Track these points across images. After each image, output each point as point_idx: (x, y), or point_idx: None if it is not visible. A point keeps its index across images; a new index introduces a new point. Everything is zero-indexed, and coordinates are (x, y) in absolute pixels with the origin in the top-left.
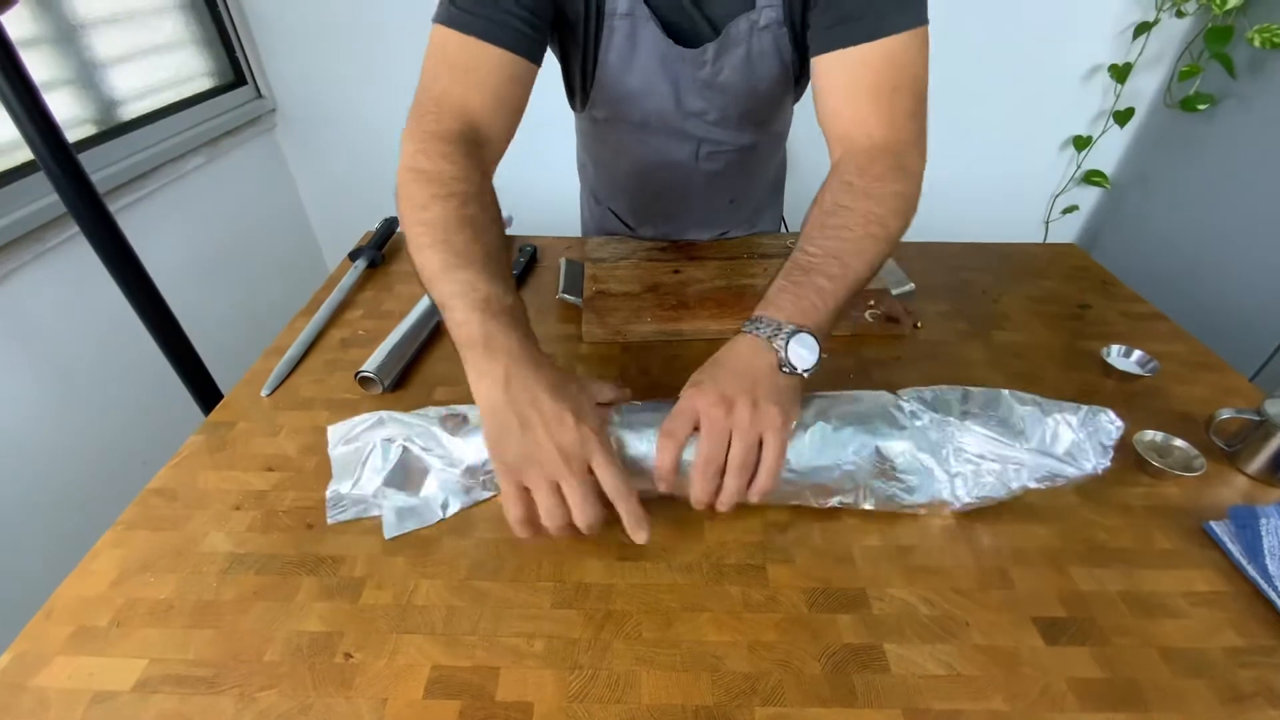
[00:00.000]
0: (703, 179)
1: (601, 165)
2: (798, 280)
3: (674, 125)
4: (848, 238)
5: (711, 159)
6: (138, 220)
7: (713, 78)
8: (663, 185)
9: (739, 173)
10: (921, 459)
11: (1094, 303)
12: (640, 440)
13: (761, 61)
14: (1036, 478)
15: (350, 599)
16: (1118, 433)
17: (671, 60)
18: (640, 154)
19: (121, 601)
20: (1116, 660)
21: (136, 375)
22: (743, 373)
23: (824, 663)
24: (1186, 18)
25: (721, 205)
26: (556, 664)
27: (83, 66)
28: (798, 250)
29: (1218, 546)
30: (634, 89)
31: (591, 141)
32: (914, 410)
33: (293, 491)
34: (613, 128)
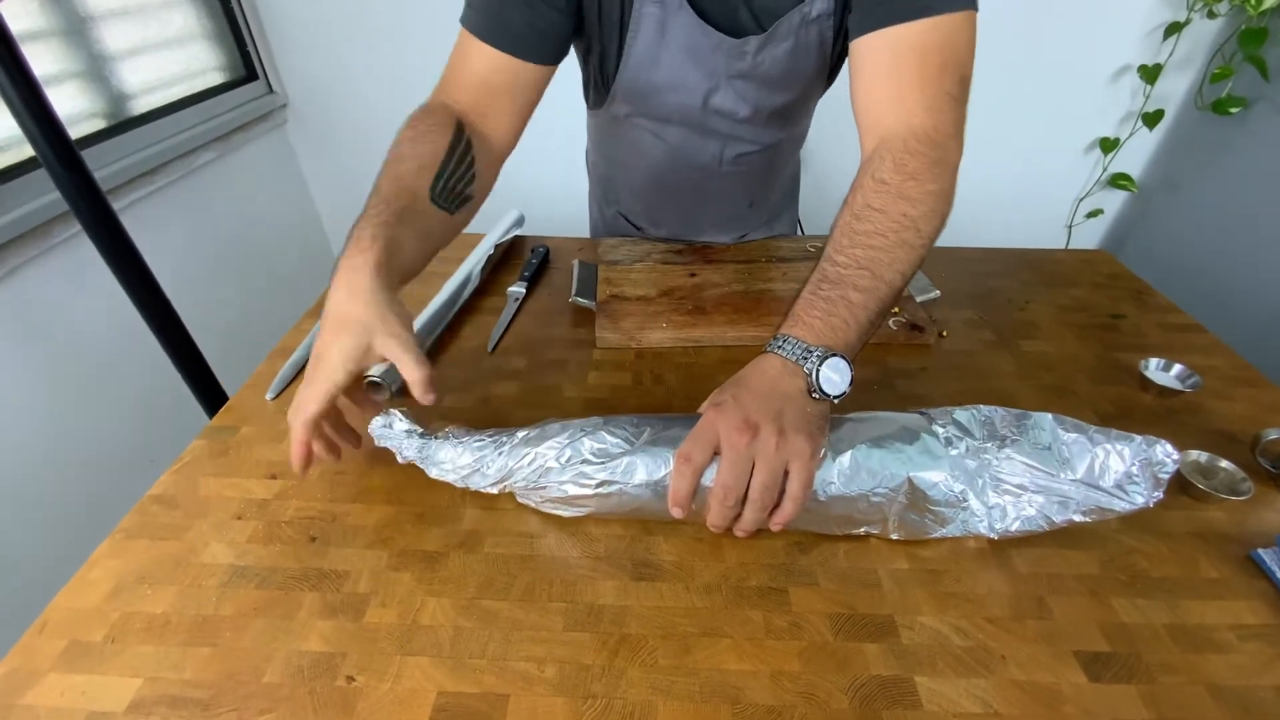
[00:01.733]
0: (723, 180)
1: (616, 165)
2: (827, 295)
3: (698, 122)
4: (880, 245)
5: (735, 160)
6: (147, 216)
7: (750, 70)
8: (681, 186)
9: (761, 174)
10: (956, 489)
11: (1128, 312)
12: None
13: (805, 56)
14: (1082, 510)
15: (353, 617)
16: (1174, 466)
17: (705, 52)
18: (659, 153)
19: (117, 615)
20: (1163, 699)
21: (140, 376)
22: (769, 395)
23: (851, 696)
24: (1219, 18)
25: (741, 208)
26: (569, 692)
27: (92, 60)
28: (825, 260)
29: (1266, 576)
30: (660, 82)
31: (606, 139)
32: (949, 436)
33: (296, 501)
34: (631, 125)
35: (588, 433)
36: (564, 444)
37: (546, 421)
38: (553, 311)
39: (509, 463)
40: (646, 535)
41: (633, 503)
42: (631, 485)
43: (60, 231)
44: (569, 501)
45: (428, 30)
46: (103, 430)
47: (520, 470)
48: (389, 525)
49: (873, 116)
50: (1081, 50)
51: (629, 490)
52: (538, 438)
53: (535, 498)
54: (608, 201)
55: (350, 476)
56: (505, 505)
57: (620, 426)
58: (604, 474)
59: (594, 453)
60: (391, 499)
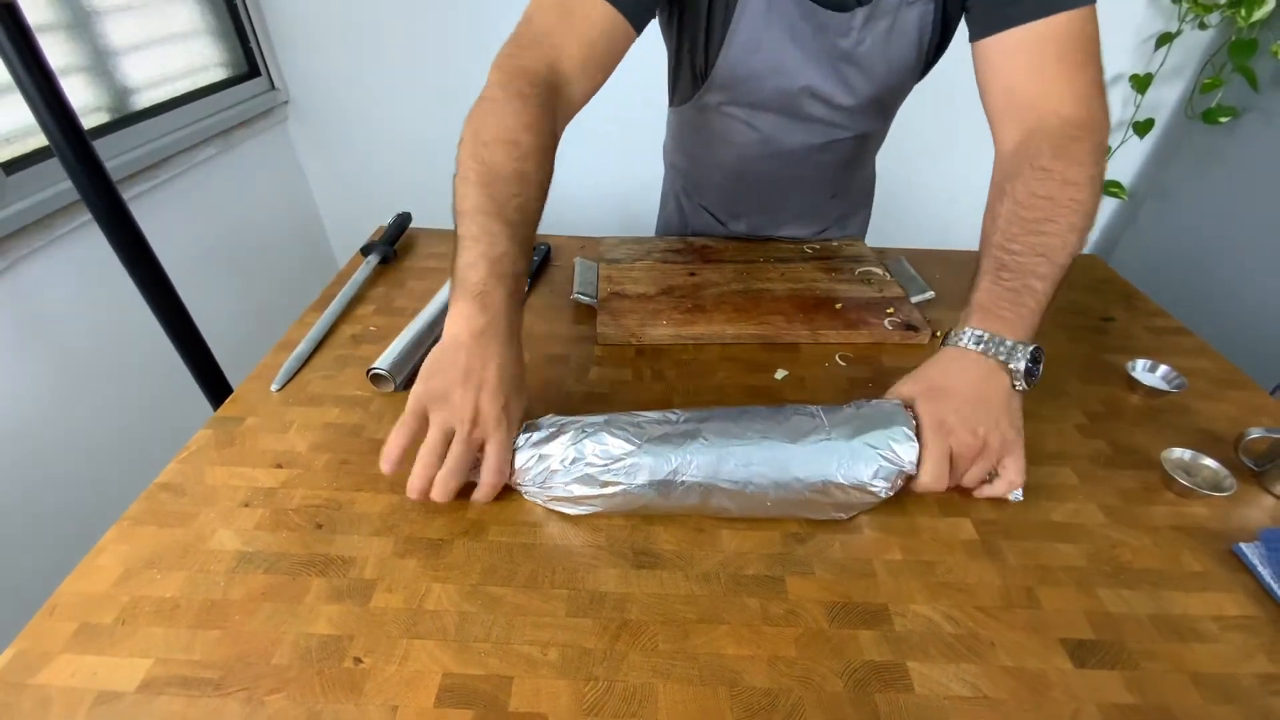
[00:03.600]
0: (810, 169)
1: (699, 158)
2: (1011, 285)
3: (794, 109)
4: (1053, 231)
5: (824, 148)
6: (148, 210)
7: (853, 48)
8: (768, 174)
9: (846, 164)
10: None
11: (1118, 315)
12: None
13: (901, 39)
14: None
15: (360, 602)
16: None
17: (807, 35)
18: (750, 141)
19: (126, 599)
20: (1147, 685)
21: (145, 367)
22: (984, 403)
23: (846, 680)
24: (1209, 29)
25: (823, 198)
26: (571, 674)
27: (96, 54)
28: (997, 249)
29: (1248, 570)
30: (760, 67)
31: (690, 133)
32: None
33: (302, 489)
34: (721, 115)
35: (590, 436)
36: (567, 445)
37: (550, 418)
38: (554, 308)
39: (518, 462)
40: (647, 525)
41: (638, 501)
42: (635, 485)
43: (63, 224)
44: (577, 501)
45: (429, 27)
46: (108, 420)
47: (528, 471)
48: (394, 513)
49: (1018, 111)
50: None
51: (633, 490)
52: (544, 440)
53: (543, 496)
54: (687, 195)
55: (355, 465)
56: (510, 495)
57: (621, 427)
58: (607, 476)
59: (597, 455)
60: (396, 487)
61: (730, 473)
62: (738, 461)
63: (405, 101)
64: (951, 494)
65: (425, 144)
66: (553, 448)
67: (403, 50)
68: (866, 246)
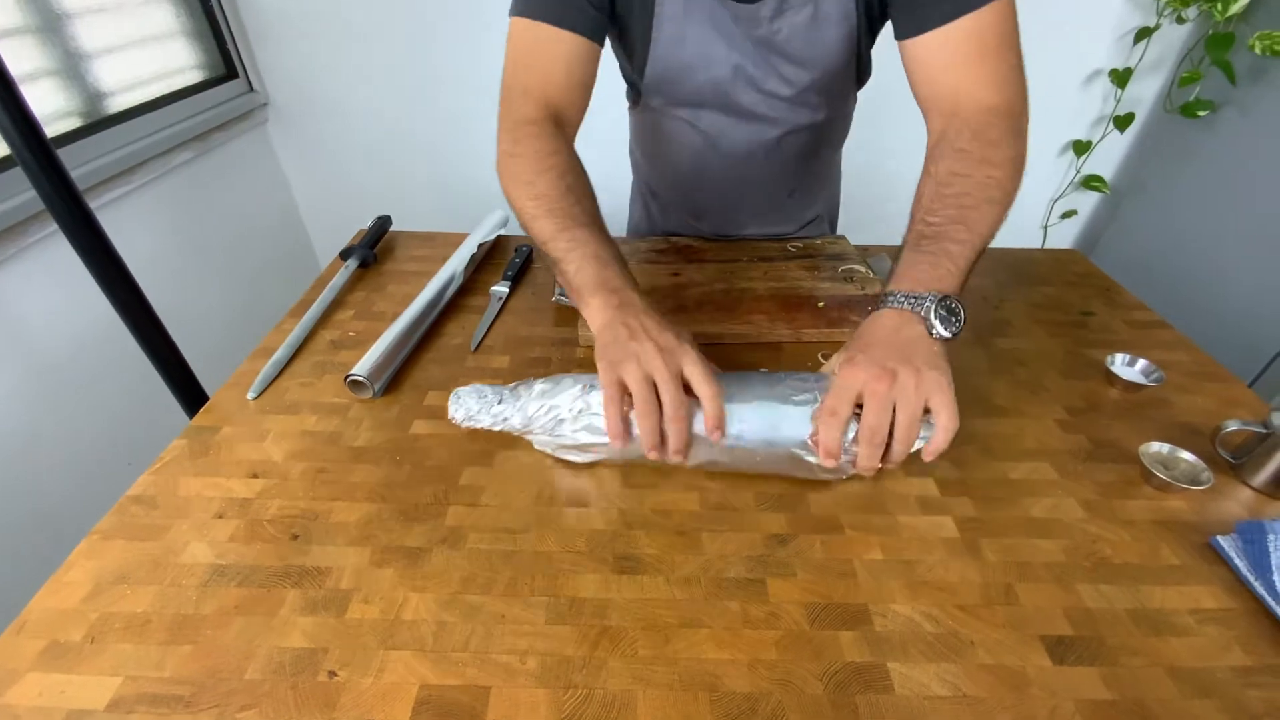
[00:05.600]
0: (762, 168)
1: (657, 161)
2: (928, 250)
3: (731, 103)
4: (969, 204)
5: (772, 146)
6: (124, 215)
7: (772, 37)
8: (721, 176)
9: (800, 161)
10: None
11: (1097, 310)
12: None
13: (827, 26)
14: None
15: (336, 613)
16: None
17: (728, 23)
18: (695, 143)
19: (96, 615)
20: (1125, 680)
21: (120, 376)
22: (896, 344)
23: (826, 682)
24: (1187, 23)
25: (781, 197)
26: (550, 683)
27: (68, 57)
28: (917, 223)
29: (1225, 562)
30: (689, 59)
31: (646, 138)
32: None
33: (278, 499)
34: (668, 117)
35: (596, 387)
36: (576, 396)
37: (561, 376)
38: (535, 310)
39: (530, 410)
40: (628, 530)
41: (639, 450)
42: (637, 434)
43: (36, 231)
44: (582, 449)
45: (411, 27)
46: (81, 432)
47: (538, 419)
48: (371, 522)
49: (941, 103)
50: (1055, 55)
51: (635, 439)
52: (553, 390)
53: (550, 444)
54: (653, 198)
55: (333, 475)
56: (489, 502)
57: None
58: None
59: (602, 407)
60: (374, 496)
61: (753, 430)
62: (732, 417)
63: (389, 102)
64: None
65: (410, 145)
66: (562, 399)
67: (385, 50)
68: (849, 244)
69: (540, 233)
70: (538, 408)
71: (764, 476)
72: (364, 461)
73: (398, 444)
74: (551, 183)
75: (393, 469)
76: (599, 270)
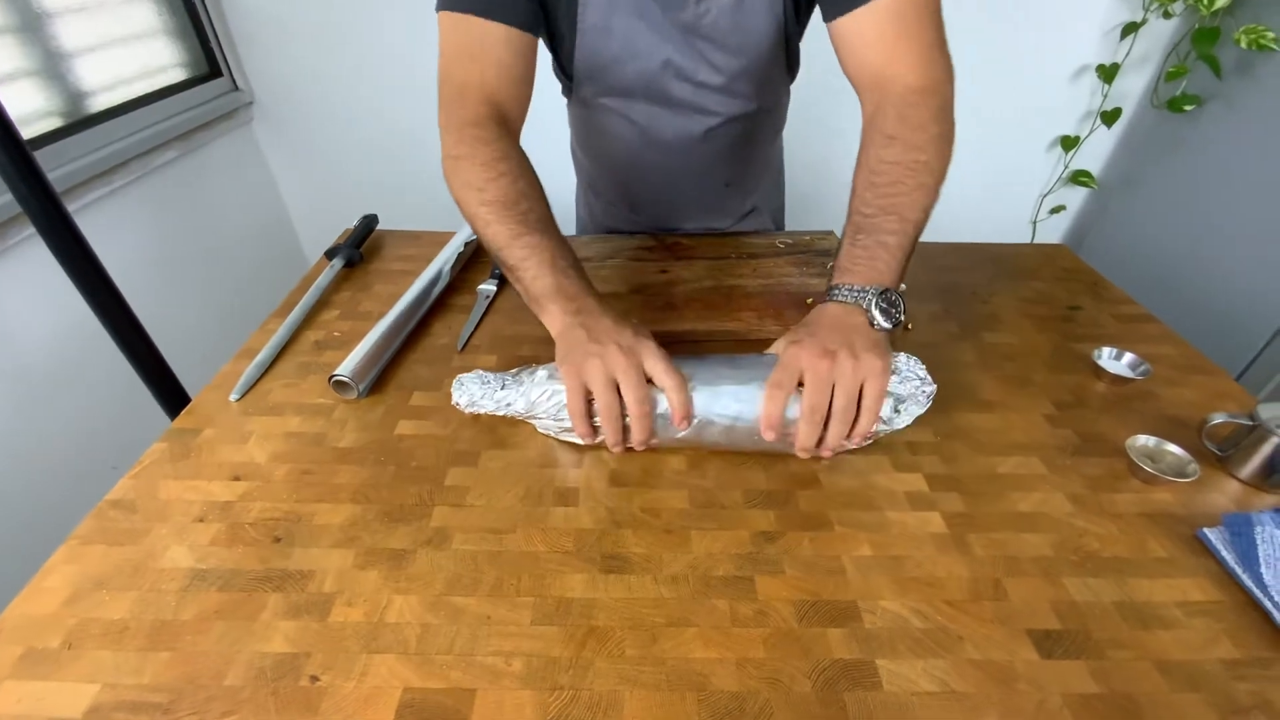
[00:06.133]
0: (696, 158)
1: (593, 155)
2: (864, 244)
3: (661, 92)
4: (900, 191)
5: (705, 136)
6: (107, 216)
7: (697, 21)
8: (655, 167)
9: (734, 151)
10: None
11: (1084, 304)
12: (661, 400)
13: (753, 13)
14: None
15: (318, 617)
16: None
17: (653, 12)
18: (630, 135)
19: (74, 622)
20: (1113, 674)
21: (104, 380)
22: (839, 329)
23: (814, 680)
24: (1174, 18)
25: (718, 188)
26: (535, 684)
27: (48, 57)
28: (854, 214)
29: (1212, 554)
30: (616, 50)
31: (582, 131)
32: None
33: (260, 502)
34: (600, 109)
35: None
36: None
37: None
38: (523, 309)
39: (533, 395)
40: (616, 528)
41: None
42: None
43: (14, 233)
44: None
45: (397, 22)
46: (62, 435)
47: (541, 404)
48: (356, 524)
49: (868, 80)
50: (1042, 51)
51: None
52: (557, 375)
53: (555, 428)
54: (594, 194)
55: (317, 476)
56: (474, 502)
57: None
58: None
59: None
60: (358, 498)
61: (723, 408)
62: (729, 399)
63: (378, 100)
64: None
65: (399, 142)
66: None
67: (373, 46)
68: (839, 240)
69: (494, 239)
70: (541, 393)
71: (752, 471)
72: (348, 463)
73: (382, 445)
74: (503, 188)
75: (377, 470)
76: (555, 277)
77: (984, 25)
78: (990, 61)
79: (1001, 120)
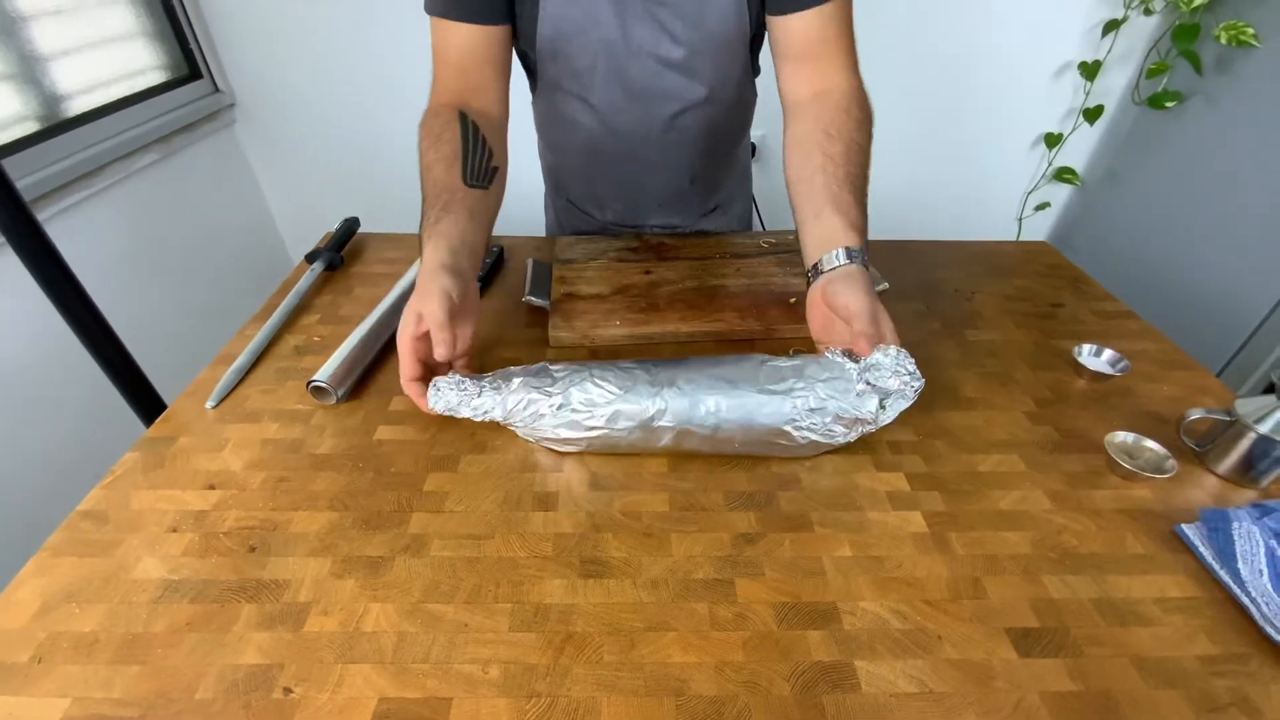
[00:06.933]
0: (660, 150)
1: (558, 149)
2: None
3: (620, 70)
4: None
5: (668, 125)
6: (85, 220)
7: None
8: (616, 157)
9: (697, 143)
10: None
11: (1066, 301)
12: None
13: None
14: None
15: (293, 627)
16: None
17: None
18: (590, 122)
19: (44, 635)
20: (1090, 671)
21: (78, 388)
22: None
23: (793, 683)
24: (1154, 15)
25: (682, 182)
26: (512, 692)
27: (23, 61)
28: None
29: (1190, 550)
30: (578, 19)
31: (546, 125)
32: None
33: (235, 511)
34: (563, 97)
35: (575, 384)
36: (556, 394)
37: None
38: (506, 311)
39: (509, 404)
40: (595, 532)
41: (623, 442)
42: (617, 429)
43: None
44: (564, 442)
45: (378, 23)
46: (35, 444)
47: (517, 413)
48: (332, 532)
49: (806, 76)
50: (1025, 49)
51: (615, 434)
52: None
53: (534, 435)
54: (558, 193)
55: (294, 483)
56: (453, 508)
57: (604, 378)
58: (592, 421)
59: (582, 403)
60: (336, 505)
61: (702, 419)
62: (708, 409)
63: (359, 100)
64: None
65: (383, 144)
66: (540, 395)
67: (353, 47)
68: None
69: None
70: (516, 401)
71: (733, 473)
72: (326, 469)
73: (361, 451)
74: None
75: (355, 476)
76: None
77: (967, 24)
78: (973, 60)
79: (985, 118)
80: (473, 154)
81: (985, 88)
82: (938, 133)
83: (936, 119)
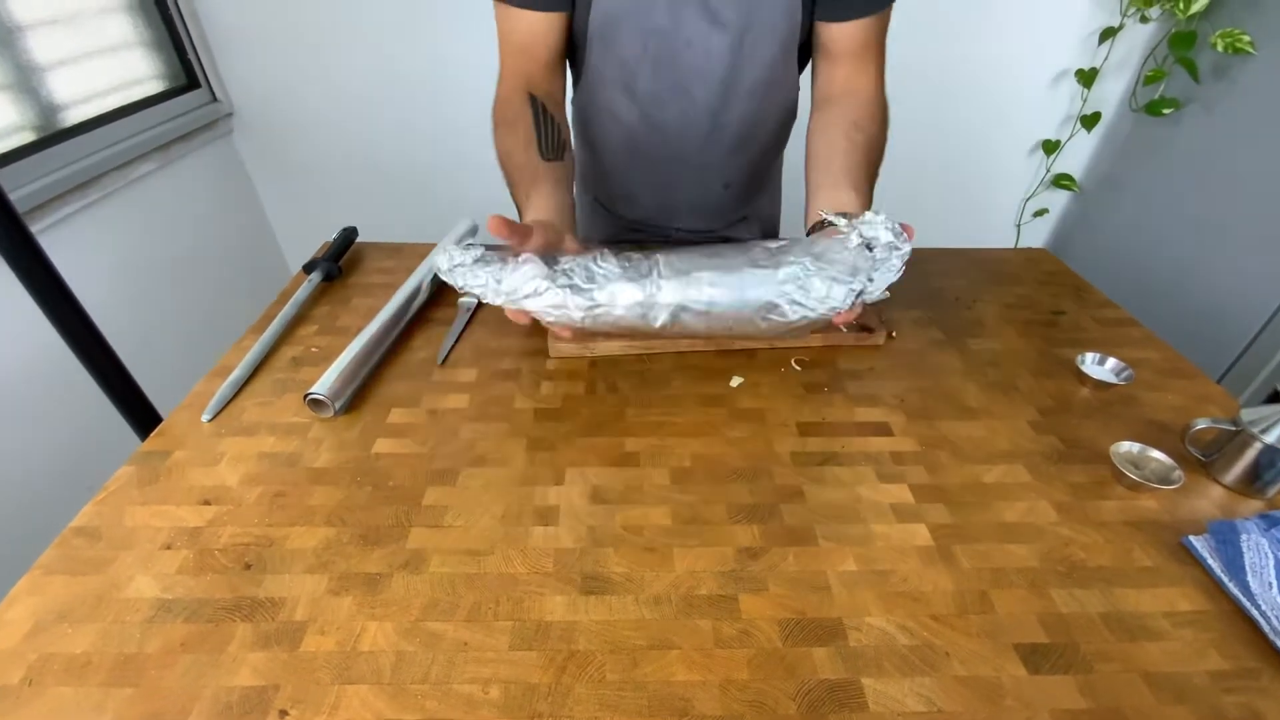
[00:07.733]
0: (697, 149)
1: (592, 145)
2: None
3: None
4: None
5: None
6: (83, 230)
7: None
8: (654, 153)
9: (735, 148)
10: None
11: (1067, 309)
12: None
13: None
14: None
15: (289, 647)
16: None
17: None
18: (631, 117)
19: (35, 656)
20: (1100, 688)
21: (70, 400)
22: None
23: (799, 702)
24: (1151, 23)
25: (716, 188)
26: (513, 712)
27: (20, 71)
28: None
29: (1198, 562)
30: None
31: (582, 120)
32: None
33: (231, 527)
34: (605, 87)
35: (579, 263)
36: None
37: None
38: (505, 322)
39: (522, 289)
40: (596, 547)
41: (621, 321)
42: (617, 308)
43: None
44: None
45: (377, 34)
46: (28, 458)
47: (527, 303)
48: (329, 548)
49: (838, 86)
50: (1022, 56)
51: (615, 311)
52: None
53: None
54: (584, 192)
55: (291, 498)
56: (453, 523)
57: (606, 260)
58: (594, 292)
59: (585, 278)
60: (333, 520)
61: (696, 295)
62: (703, 282)
63: (358, 108)
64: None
65: (382, 153)
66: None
67: (354, 59)
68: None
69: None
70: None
71: (735, 485)
72: (323, 483)
73: (359, 464)
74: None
75: (353, 490)
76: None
77: (965, 31)
78: (971, 67)
79: (984, 124)
80: (545, 132)
81: (983, 94)
82: (936, 139)
83: (934, 126)
